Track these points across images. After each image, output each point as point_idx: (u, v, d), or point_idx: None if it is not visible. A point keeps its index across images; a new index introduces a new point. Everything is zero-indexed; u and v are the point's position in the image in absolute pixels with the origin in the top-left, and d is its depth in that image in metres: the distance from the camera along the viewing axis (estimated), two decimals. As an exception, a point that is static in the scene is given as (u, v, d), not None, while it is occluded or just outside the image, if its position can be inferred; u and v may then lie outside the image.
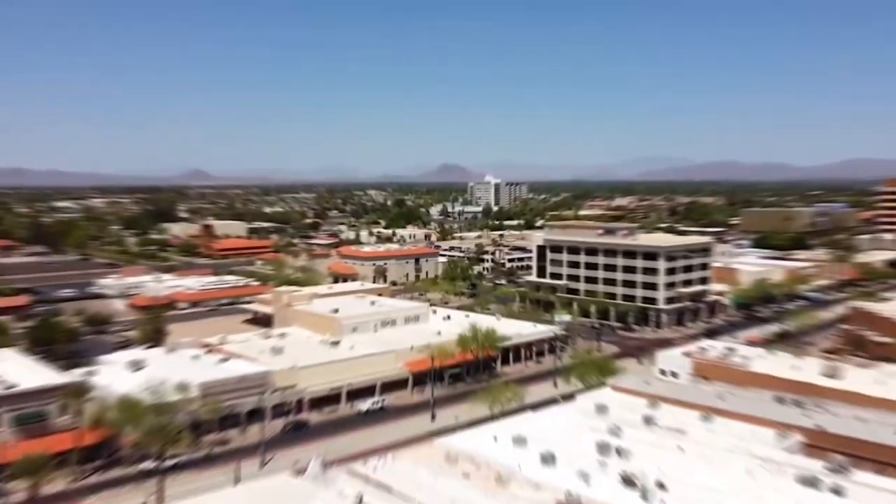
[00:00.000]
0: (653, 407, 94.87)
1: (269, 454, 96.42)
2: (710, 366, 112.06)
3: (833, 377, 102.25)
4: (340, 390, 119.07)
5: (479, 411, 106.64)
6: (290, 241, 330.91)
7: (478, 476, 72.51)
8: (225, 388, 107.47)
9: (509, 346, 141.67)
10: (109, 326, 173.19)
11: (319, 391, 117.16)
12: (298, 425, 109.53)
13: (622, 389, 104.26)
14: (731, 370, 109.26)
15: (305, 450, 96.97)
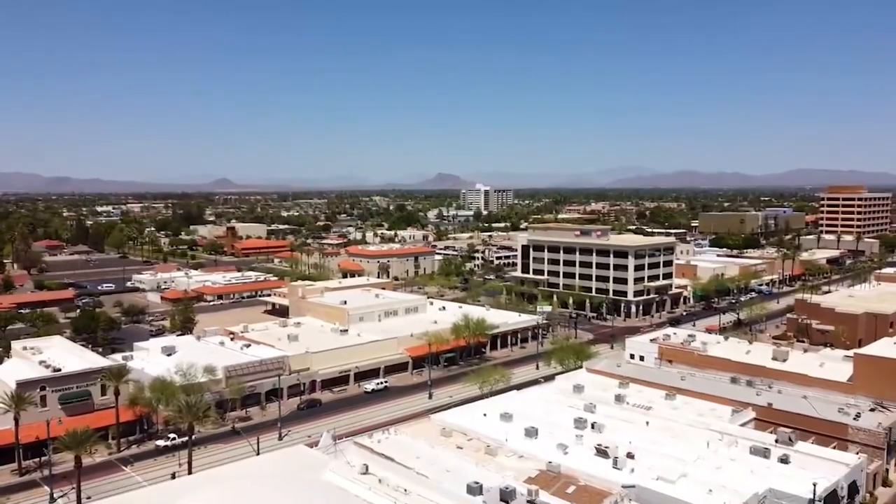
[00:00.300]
0: (623, 387, 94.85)
1: (285, 429, 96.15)
2: (673, 350, 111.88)
3: (781, 360, 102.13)
4: (349, 372, 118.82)
5: (470, 391, 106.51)
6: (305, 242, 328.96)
7: (469, 448, 72.43)
8: (247, 371, 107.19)
9: (497, 334, 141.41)
10: (145, 316, 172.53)
11: (330, 373, 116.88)
12: (312, 403, 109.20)
13: (596, 371, 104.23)
14: (692, 354, 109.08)
15: (318, 425, 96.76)
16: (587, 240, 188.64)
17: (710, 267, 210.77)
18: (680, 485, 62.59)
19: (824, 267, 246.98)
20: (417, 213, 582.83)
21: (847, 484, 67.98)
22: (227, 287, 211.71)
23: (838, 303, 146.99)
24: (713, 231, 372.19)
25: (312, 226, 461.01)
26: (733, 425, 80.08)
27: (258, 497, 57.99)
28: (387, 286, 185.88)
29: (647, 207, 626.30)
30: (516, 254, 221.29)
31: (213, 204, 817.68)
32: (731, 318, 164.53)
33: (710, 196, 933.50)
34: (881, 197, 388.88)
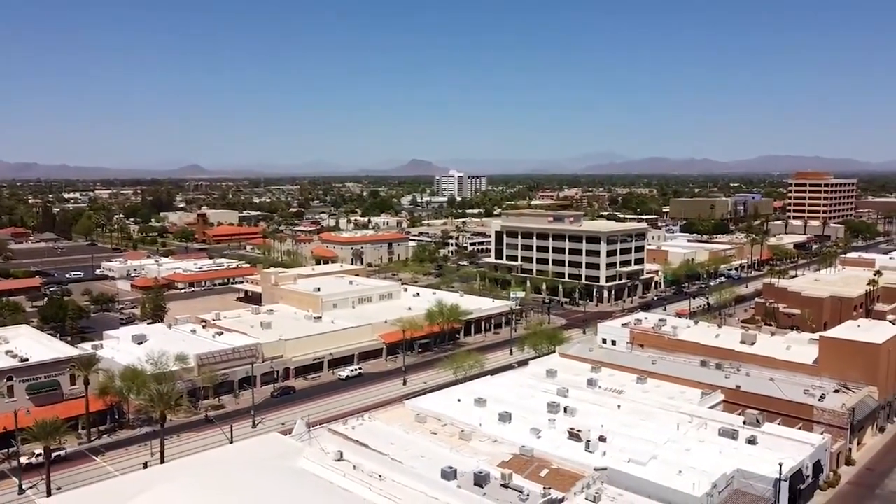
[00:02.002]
0: (595, 371, 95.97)
1: (259, 417, 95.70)
2: (644, 335, 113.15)
3: (749, 343, 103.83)
4: (322, 359, 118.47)
5: (444, 376, 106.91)
6: (277, 228, 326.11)
7: (444, 433, 72.81)
8: (219, 359, 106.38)
9: (471, 320, 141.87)
10: (114, 305, 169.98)
11: (304, 360, 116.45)
12: (285, 391, 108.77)
13: (569, 356, 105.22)
14: (663, 339, 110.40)
15: (292, 412, 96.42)
16: (560, 226, 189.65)
17: (681, 252, 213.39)
18: (650, 466, 63.65)
19: (791, 252, 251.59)
20: (391, 199, 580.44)
21: (812, 463, 69.74)
22: (198, 274, 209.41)
23: (805, 287, 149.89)
24: (684, 217, 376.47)
25: (285, 212, 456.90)
26: (703, 408, 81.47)
27: (232, 485, 57.79)
28: (360, 273, 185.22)
29: (619, 193, 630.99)
30: (490, 240, 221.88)
31: (183, 190, 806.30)
32: (701, 303, 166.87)
33: (681, 182, 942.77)
34: (846, 183, 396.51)
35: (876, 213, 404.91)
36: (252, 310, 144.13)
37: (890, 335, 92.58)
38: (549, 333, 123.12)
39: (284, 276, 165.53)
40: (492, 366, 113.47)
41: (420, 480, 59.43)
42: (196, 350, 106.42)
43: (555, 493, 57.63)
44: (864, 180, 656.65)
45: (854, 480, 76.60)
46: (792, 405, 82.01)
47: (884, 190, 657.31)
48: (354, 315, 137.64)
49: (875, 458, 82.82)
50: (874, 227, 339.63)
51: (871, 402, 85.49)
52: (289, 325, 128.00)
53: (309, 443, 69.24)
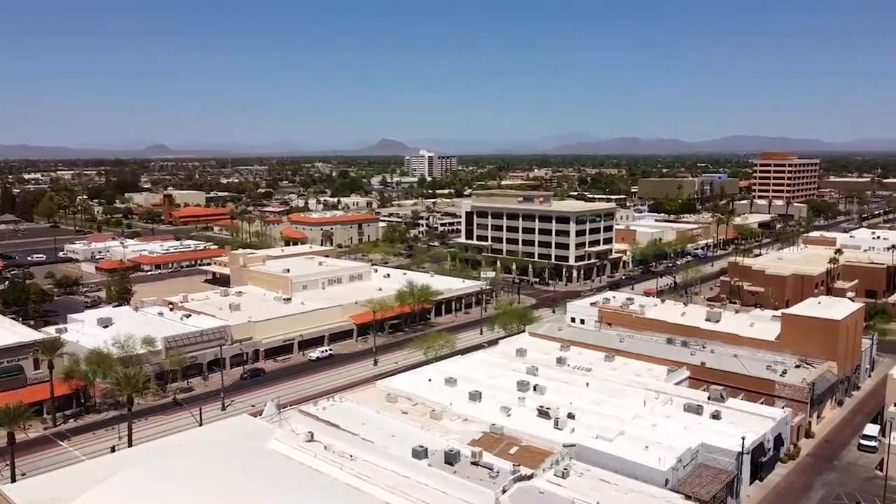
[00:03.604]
0: (564, 349, 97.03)
1: (229, 399, 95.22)
2: (612, 313, 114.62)
3: (714, 321, 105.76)
4: (292, 341, 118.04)
5: (415, 356, 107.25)
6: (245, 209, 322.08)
7: (415, 412, 73.25)
8: (187, 341, 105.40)
9: (441, 300, 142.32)
10: (79, 288, 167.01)
11: (274, 342, 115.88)
12: (255, 372, 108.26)
13: (538, 335, 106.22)
14: (630, 317, 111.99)
15: (262, 394, 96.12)
16: (530, 206, 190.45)
17: (649, 232, 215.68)
18: (618, 442, 64.83)
19: (756, 231, 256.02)
20: (361, 179, 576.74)
21: (773, 437, 71.66)
22: (165, 256, 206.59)
23: (768, 265, 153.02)
24: (652, 196, 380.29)
25: (253, 193, 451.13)
26: (669, 384, 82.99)
27: (202, 467, 57.52)
28: (330, 254, 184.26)
29: (588, 174, 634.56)
30: (460, 220, 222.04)
31: (148, 171, 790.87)
32: (668, 282, 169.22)
33: (649, 162, 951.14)
34: (810, 163, 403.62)
35: (838, 193, 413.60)
36: (220, 292, 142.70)
37: (849, 312, 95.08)
38: (518, 313, 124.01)
39: (253, 257, 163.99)
40: (462, 345, 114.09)
41: (391, 460, 59.78)
42: (164, 333, 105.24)
43: (524, 469, 58.45)
44: (826, 160, 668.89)
45: (813, 452, 78.92)
46: (755, 380, 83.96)
47: (845, 170, 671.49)
48: (324, 296, 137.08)
49: (833, 431, 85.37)
50: (836, 207, 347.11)
51: (830, 377, 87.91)
52: (258, 307, 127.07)
53: (279, 424, 69.11)
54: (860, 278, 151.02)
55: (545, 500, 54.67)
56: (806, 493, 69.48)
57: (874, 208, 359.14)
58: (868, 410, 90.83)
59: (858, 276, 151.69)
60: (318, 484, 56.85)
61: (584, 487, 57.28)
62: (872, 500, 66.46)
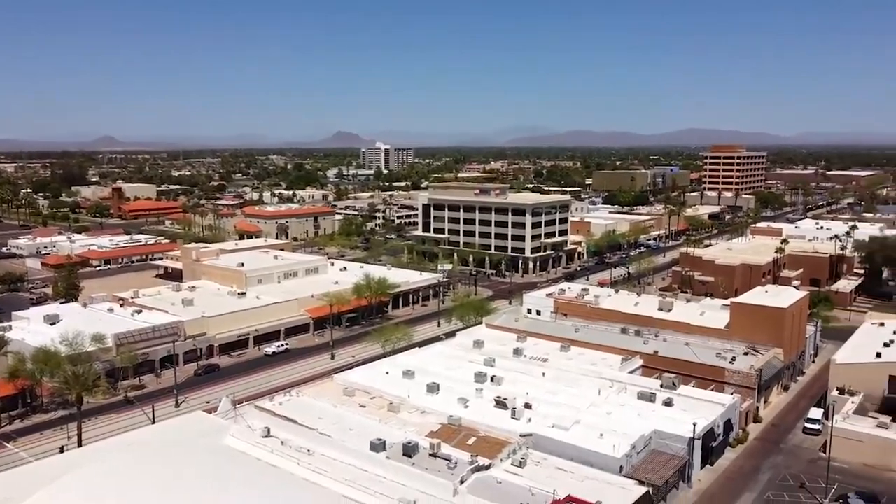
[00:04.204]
0: (521, 340, 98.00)
1: (182, 396, 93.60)
2: (567, 304, 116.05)
3: (666, 310, 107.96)
4: (248, 336, 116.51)
5: (372, 350, 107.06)
6: (198, 202, 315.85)
7: (372, 405, 73.19)
8: (139, 338, 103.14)
9: (399, 293, 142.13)
10: (23, 284, 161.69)
11: (228, 337, 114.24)
12: (209, 368, 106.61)
13: (495, 326, 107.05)
14: (585, 307, 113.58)
15: (217, 390, 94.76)
16: (486, 198, 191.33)
17: (603, 223, 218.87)
18: (573, 431, 65.86)
19: (706, 222, 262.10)
20: (316, 172, 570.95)
21: (723, 422, 73.72)
22: (114, 251, 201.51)
23: (718, 255, 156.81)
24: (606, 188, 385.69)
25: (206, 186, 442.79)
26: (623, 373, 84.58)
27: (155, 466, 56.56)
28: (285, 247, 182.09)
29: (543, 166, 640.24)
30: (417, 213, 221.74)
31: (96, 163, 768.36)
32: (622, 272, 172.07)
33: (603, 155, 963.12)
34: (758, 156, 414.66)
35: (784, 185, 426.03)
36: (173, 287, 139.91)
37: (794, 300, 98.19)
38: (476, 305, 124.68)
39: (206, 251, 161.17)
40: (420, 338, 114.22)
41: (349, 453, 59.68)
42: (114, 329, 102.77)
43: (482, 459, 58.98)
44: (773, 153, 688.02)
45: (761, 436, 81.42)
46: (705, 368, 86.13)
47: (791, 162, 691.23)
48: (280, 290, 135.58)
49: (780, 415, 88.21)
50: (782, 198, 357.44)
51: (776, 363, 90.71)
52: (212, 302, 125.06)
53: (235, 420, 68.33)
54: (805, 267, 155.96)
55: (503, 490, 55.27)
56: (754, 475, 71.69)
57: (818, 199, 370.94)
58: (812, 395, 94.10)
59: (803, 266, 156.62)
60: (275, 479, 56.42)
61: (541, 476, 58.07)
62: (816, 480, 68.94)
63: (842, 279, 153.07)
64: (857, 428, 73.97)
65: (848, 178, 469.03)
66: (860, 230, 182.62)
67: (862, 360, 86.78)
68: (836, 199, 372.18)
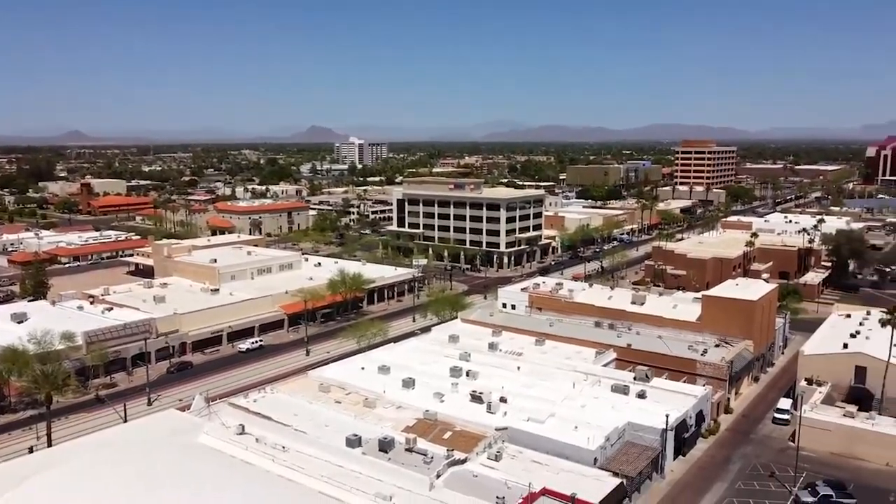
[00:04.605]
0: (496, 335, 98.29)
1: (155, 394, 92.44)
2: (542, 298, 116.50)
3: (639, 304, 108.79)
4: (221, 333, 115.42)
5: (348, 345, 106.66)
6: (169, 198, 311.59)
7: (348, 401, 72.98)
8: (109, 336, 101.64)
9: (374, 288, 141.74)
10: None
11: (201, 334, 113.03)
12: (182, 366, 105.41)
13: (471, 321, 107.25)
14: (560, 301, 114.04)
15: (190, 388, 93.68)
16: (461, 193, 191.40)
17: (577, 218, 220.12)
18: (548, 424, 66.29)
19: (678, 216, 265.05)
20: (290, 167, 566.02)
21: (695, 413, 74.75)
22: (84, 248, 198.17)
23: (689, 249, 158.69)
24: (580, 183, 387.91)
25: (177, 181, 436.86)
26: (597, 366, 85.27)
27: (127, 465, 55.83)
28: (259, 243, 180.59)
29: (518, 161, 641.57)
30: (391, 208, 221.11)
31: (64, 158, 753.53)
32: (596, 267, 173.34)
33: (577, 150, 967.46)
34: (728, 150, 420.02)
35: (753, 179, 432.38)
36: (144, 283, 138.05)
37: (764, 293, 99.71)
38: (451, 300, 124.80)
39: (178, 247, 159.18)
40: (395, 333, 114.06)
41: (325, 449, 59.45)
42: (84, 327, 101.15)
43: (458, 454, 59.15)
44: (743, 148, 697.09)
45: (732, 427, 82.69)
46: (677, 360, 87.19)
47: (760, 157, 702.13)
48: (254, 286, 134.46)
49: (750, 406, 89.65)
50: (752, 192, 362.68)
51: (747, 355, 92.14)
52: (184, 299, 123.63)
53: (209, 418, 67.70)
54: (774, 260, 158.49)
55: (479, 484, 55.49)
56: (725, 465, 72.81)
57: (787, 193, 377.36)
58: (781, 386, 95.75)
59: (772, 259, 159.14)
60: (249, 477, 56.00)
61: (517, 469, 58.42)
62: (786, 469, 70.26)
63: (810, 272, 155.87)
64: (825, 417, 75.45)
65: (815, 173, 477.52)
66: (827, 223, 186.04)
67: (829, 350, 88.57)
68: (804, 194, 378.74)
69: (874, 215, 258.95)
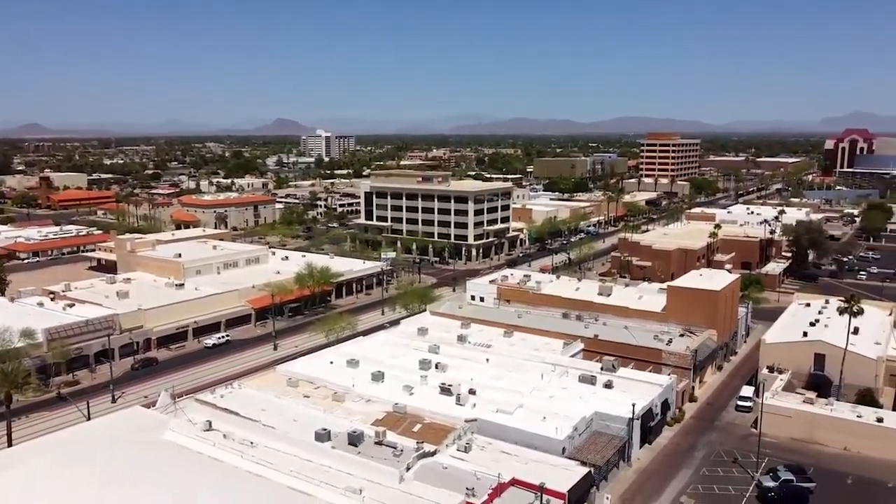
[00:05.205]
0: (465, 327, 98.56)
1: (119, 391, 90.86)
2: (510, 290, 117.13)
3: (606, 295, 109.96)
4: (187, 328, 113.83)
5: (316, 339, 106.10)
6: (132, 192, 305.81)
7: (317, 396, 72.62)
8: (71, 332, 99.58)
9: (342, 282, 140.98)
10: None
11: (166, 330, 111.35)
12: (147, 362, 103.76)
13: (439, 314, 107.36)
14: (528, 293, 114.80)
15: (155, 385, 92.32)
16: (429, 186, 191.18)
17: (544, 210, 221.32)
18: (517, 415, 66.79)
19: (644, 208, 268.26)
20: (255, 160, 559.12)
21: (660, 402, 75.95)
22: (43, 243, 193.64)
23: (655, 241, 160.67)
24: (547, 176, 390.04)
25: (140, 174, 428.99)
26: (564, 357, 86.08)
27: (90, 463, 54.85)
28: (225, 237, 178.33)
29: (485, 154, 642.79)
30: (359, 201, 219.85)
31: (21, 151, 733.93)
32: (563, 258, 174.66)
33: (544, 142, 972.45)
34: (692, 143, 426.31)
35: (717, 171, 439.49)
36: (107, 279, 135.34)
37: (726, 283, 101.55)
38: (419, 292, 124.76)
39: (142, 242, 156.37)
40: (364, 327, 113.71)
41: (294, 444, 59.07)
42: (44, 324, 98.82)
43: (428, 446, 59.26)
44: (706, 141, 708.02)
45: (696, 415, 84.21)
46: (643, 350, 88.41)
47: (723, 150, 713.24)
48: (220, 281, 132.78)
49: (714, 394, 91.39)
50: (715, 184, 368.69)
51: (710, 344, 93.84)
52: (148, 294, 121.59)
53: (175, 414, 66.77)
54: (737, 251, 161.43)
55: (449, 475, 55.68)
56: (690, 452, 74.15)
57: (749, 185, 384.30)
58: (744, 374, 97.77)
59: (735, 249, 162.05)
60: (217, 473, 55.41)
61: (487, 460, 58.75)
62: (748, 455, 71.82)
63: (771, 262, 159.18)
64: (786, 404, 77.26)
65: (776, 165, 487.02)
66: (788, 215, 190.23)
67: (790, 339, 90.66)
68: (765, 185, 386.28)
69: (832, 206, 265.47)
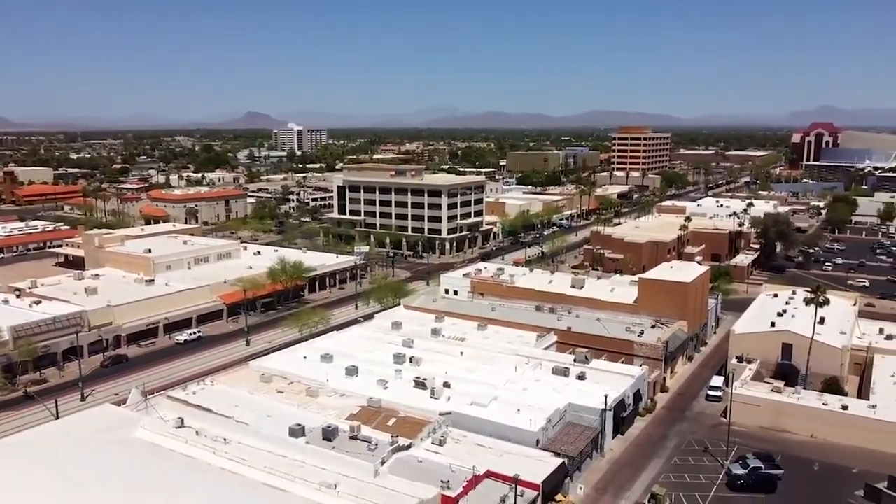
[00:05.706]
0: (439, 321, 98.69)
1: (88, 389, 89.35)
2: (484, 284, 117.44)
3: (578, 287, 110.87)
4: (157, 324, 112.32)
5: (289, 335, 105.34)
6: (99, 186, 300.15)
7: (290, 391, 72.22)
8: (38, 330, 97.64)
9: (315, 276, 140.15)
10: None
11: (136, 326, 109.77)
12: (117, 359, 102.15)
13: (413, 307, 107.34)
14: (501, 286, 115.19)
15: (126, 382, 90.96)
16: (402, 180, 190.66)
17: (517, 204, 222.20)
18: (491, 407, 67.08)
19: (615, 201, 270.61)
20: (226, 154, 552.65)
21: (633, 393, 76.80)
22: (8, 239, 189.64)
23: (626, 233, 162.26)
24: (520, 169, 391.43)
25: (108, 169, 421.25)
26: (538, 349, 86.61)
27: (59, 462, 53.99)
28: (196, 232, 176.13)
29: (458, 147, 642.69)
30: (332, 195, 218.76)
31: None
32: (536, 252, 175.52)
33: (516, 136, 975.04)
34: (662, 137, 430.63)
35: (687, 165, 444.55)
36: (74, 275, 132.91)
37: (697, 275, 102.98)
38: (393, 286, 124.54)
39: (110, 237, 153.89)
40: (338, 321, 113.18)
41: (267, 440, 58.68)
42: (9, 322, 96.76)
43: (402, 440, 59.27)
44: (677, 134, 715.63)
45: (668, 405, 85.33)
46: (615, 342, 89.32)
47: (693, 143, 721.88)
48: (191, 276, 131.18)
49: (685, 385, 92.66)
50: (685, 177, 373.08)
51: (681, 335, 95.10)
52: (118, 290, 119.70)
53: (146, 412, 65.93)
54: (706, 243, 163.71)
55: (424, 468, 55.77)
56: (662, 442, 75.15)
57: (718, 178, 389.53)
58: (714, 364, 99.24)
59: (705, 241, 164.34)
60: (190, 470, 54.85)
61: (461, 453, 58.95)
62: (718, 444, 72.99)
63: (740, 254, 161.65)
64: (754, 393, 78.63)
65: (745, 158, 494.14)
66: (756, 207, 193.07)
67: (758, 329, 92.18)
68: (734, 178, 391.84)
69: (799, 199, 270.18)
